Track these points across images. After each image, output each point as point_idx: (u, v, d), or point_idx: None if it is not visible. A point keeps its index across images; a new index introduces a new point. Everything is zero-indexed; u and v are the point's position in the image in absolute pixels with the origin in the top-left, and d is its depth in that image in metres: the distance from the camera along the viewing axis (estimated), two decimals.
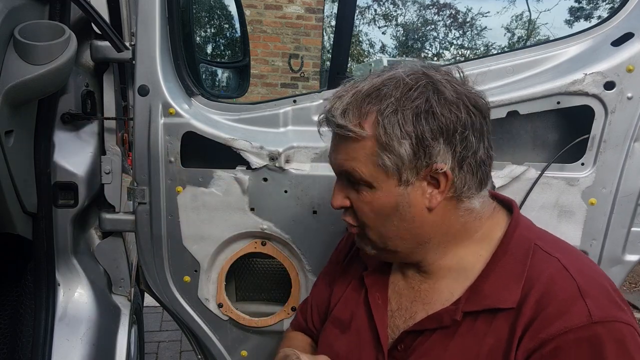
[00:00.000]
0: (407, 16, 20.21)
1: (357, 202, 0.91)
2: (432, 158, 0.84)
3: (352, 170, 0.88)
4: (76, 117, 1.42)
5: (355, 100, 0.86)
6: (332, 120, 0.88)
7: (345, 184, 0.93)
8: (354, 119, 0.86)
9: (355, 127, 0.85)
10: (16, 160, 1.20)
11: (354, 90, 0.88)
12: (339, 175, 0.94)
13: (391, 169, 0.85)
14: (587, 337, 0.76)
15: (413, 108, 0.83)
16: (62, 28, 1.19)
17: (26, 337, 1.38)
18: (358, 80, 0.90)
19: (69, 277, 1.48)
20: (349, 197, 0.92)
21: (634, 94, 1.24)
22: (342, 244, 1.20)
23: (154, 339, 3.20)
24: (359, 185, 0.89)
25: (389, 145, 0.84)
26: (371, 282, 1.03)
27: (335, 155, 0.92)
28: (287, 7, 6.88)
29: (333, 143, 0.93)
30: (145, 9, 1.32)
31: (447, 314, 0.88)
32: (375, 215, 0.90)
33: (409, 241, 0.91)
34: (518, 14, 22.39)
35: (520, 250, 0.89)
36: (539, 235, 0.93)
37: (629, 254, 1.34)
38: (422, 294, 0.96)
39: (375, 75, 0.90)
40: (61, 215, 1.42)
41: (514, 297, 0.84)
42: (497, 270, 0.88)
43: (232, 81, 2.54)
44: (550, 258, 0.86)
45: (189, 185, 1.40)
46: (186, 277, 1.48)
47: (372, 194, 0.88)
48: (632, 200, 1.30)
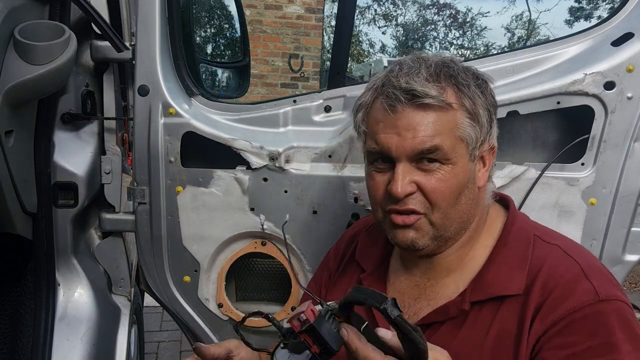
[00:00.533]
0: (407, 16, 20.20)
1: (432, 183, 0.85)
2: (493, 134, 0.89)
3: (437, 146, 0.83)
4: (76, 117, 1.42)
5: (430, 74, 0.84)
6: (419, 89, 0.82)
7: (410, 167, 0.86)
8: (438, 89, 0.83)
9: (443, 96, 0.83)
10: (16, 160, 1.20)
11: (424, 65, 0.85)
12: (407, 158, 0.85)
13: (472, 140, 0.86)
14: (593, 313, 0.80)
15: (478, 84, 0.86)
16: (62, 28, 1.19)
17: (26, 337, 1.38)
18: (414, 60, 0.88)
19: (69, 277, 1.48)
20: (416, 181, 0.86)
21: (634, 94, 1.24)
22: (332, 254, 1.19)
23: (154, 339, 3.20)
24: (435, 164, 0.85)
25: (477, 114, 0.85)
26: (369, 284, 1.03)
27: (413, 133, 0.83)
28: (287, 7, 6.88)
29: (402, 122, 0.84)
30: (145, 9, 1.32)
31: (454, 305, 0.89)
32: (451, 194, 0.86)
33: (464, 223, 0.91)
34: (518, 14, 22.37)
35: (521, 241, 0.91)
36: (536, 227, 0.96)
37: (629, 254, 1.34)
38: (427, 291, 0.96)
39: (422, 57, 0.88)
40: (61, 215, 1.42)
41: (520, 284, 0.86)
42: (499, 261, 0.90)
43: (232, 81, 2.55)
44: (551, 246, 0.90)
45: (189, 185, 1.40)
46: (186, 277, 1.48)
47: (451, 170, 0.85)
48: (632, 200, 1.30)
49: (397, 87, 0.84)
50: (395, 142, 0.85)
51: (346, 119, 1.38)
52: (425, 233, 0.89)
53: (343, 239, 1.19)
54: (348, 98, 1.39)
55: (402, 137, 0.84)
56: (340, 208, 1.39)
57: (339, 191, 1.38)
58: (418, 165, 0.86)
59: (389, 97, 0.85)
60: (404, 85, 0.83)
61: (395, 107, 0.84)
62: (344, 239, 1.19)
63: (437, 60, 0.88)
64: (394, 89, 0.84)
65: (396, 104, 0.84)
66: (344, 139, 1.36)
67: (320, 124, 1.41)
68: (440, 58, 0.89)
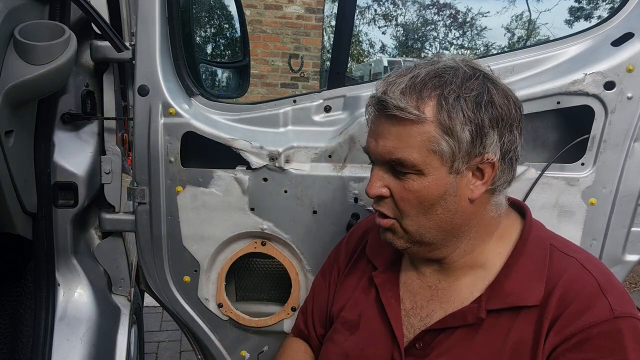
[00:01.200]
0: (407, 16, 20.22)
1: (401, 191, 0.88)
2: (486, 148, 0.86)
3: (400, 159, 0.86)
4: (76, 117, 1.42)
5: (414, 84, 0.85)
6: (389, 101, 0.84)
7: (385, 171, 0.90)
8: (413, 101, 0.84)
9: (416, 109, 0.84)
10: (16, 160, 1.20)
11: (410, 75, 0.86)
12: (381, 163, 0.90)
13: (447, 155, 0.85)
14: (609, 330, 0.80)
15: (474, 96, 0.85)
16: (62, 28, 1.19)
17: (26, 337, 1.38)
18: (409, 67, 0.89)
19: (69, 277, 1.48)
20: (389, 186, 0.90)
21: (634, 94, 1.24)
22: (342, 248, 1.19)
23: (154, 339, 3.19)
24: (406, 173, 0.87)
25: (452, 129, 0.84)
26: (382, 282, 1.03)
27: (383, 142, 0.87)
28: (287, 7, 6.88)
29: (379, 129, 0.88)
30: (145, 9, 1.32)
31: (471, 312, 0.90)
32: (420, 204, 0.88)
33: (447, 232, 0.91)
34: (518, 14, 22.40)
35: (538, 250, 0.91)
36: (552, 236, 0.96)
37: (629, 254, 1.34)
38: (440, 293, 0.97)
39: (427, 63, 0.89)
40: (61, 215, 1.42)
41: (538, 295, 0.86)
42: (517, 269, 0.90)
43: (232, 81, 2.55)
44: (568, 258, 0.90)
45: (189, 185, 1.40)
46: (186, 277, 1.48)
47: (420, 181, 0.87)
48: (632, 200, 1.30)
49: (377, 97, 0.87)
50: (372, 146, 0.90)
51: (346, 119, 1.38)
52: (400, 237, 0.93)
53: (355, 234, 1.19)
54: (348, 98, 1.39)
55: (377, 143, 0.89)
56: (340, 208, 1.39)
57: (339, 191, 1.38)
58: (394, 171, 0.89)
59: (371, 105, 0.90)
60: (378, 95, 0.87)
61: (375, 114, 0.89)
62: (355, 235, 1.18)
63: (432, 69, 0.87)
64: (374, 99, 0.88)
65: (374, 112, 0.89)
66: (344, 139, 1.36)
67: (320, 124, 1.41)
68: (439, 66, 0.87)
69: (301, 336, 1.22)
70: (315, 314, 1.18)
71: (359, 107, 1.36)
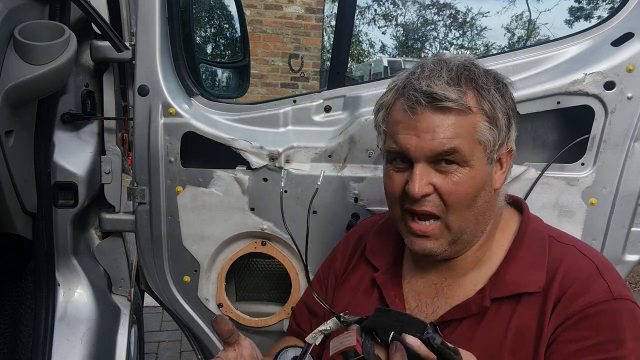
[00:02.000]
0: (407, 16, 20.23)
1: (448, 184, 0.86)
2: (510, 137, 0.90)
3: (455, 148, 0.84)
4: (76, 117, 1.42)
5: (455, 76, 0.85)
6: (439, 93, 0.83)
7: (428, 167, 0.87)
8: (459, 92, 0.84)
9: (463, 100, 0.84)
10: (16, 160, 1.20)
11: (445, 69, 0.86)
12: (425, 159, 0.86)
13: (490, 144, 0.86)
14: (607, 309, 0.83)
15: (498, 88, 0.88)
16: (62, 28, 1.19)
17: (26, 337, 1.38)
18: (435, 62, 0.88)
19: (69, 277, 1.48)
20: (433, 183, 0.87)
21: (634, 94, 1.24)
22: (338, 254, 1.18)
23: (154, 339, 3.19)
24: (453, 166, 0.86)
25: (496, 119, 0.86)
26: (384, 282, 1.03)
27: (432, 135, 0.84)
28: (287, 7, 6.88)
29: (423, 123, 0.85)
30: (145, 9, 1.32)
31: (474, 302, 0.91)
32: (467, 196, 0.87)
33: (480, 225, 0.92)
34: (518, 14, 22.42)
35: (537, 241, 0.94)
36: (549, 229, 0.99)
37: (629, 254, 1.34)
38: (445, 290, 0.98)
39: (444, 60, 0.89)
40: (61, 215, 1.42)
41: (539, 282, 0.88)
42: (518, 260, 0.92)
43: (232, 81, 2.55)
44: (567, 246, 0.93)
45: (189, 185, 1.40)
46: (186, 277, 1.48)
47: (467, 172, 0.86)
48: (632, 200, 1.30)
49: (418, 89, 0.85)
50: (414, 143, 0.86)
51: (346, 119, 1.38)
52: (443, 240, 0.91)
53: (350, 239, 1.19)
54: (348, 98, 1.39)
55: (421, 138, 0.85)
56: (340, 208, 1.39)
57: (339, 191, 1.38)
58: (436, 166, 0.87)
59: (410, 99, 0.85)
60: (424, 88, 0.84)
61: (415, 109, 0.85)
62: (351, 239, 1.18)
63: (458, 63, 0.88)
64: (414, 92, 0.85)
65: (416, 106, 0.85)
66: (344, 139, 1.36)
67: (320, 124, 1.41)
68: (461, 61, 0.89)
69: (296, 335, 1.22)
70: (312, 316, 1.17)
71: (359, 107, 1.36)
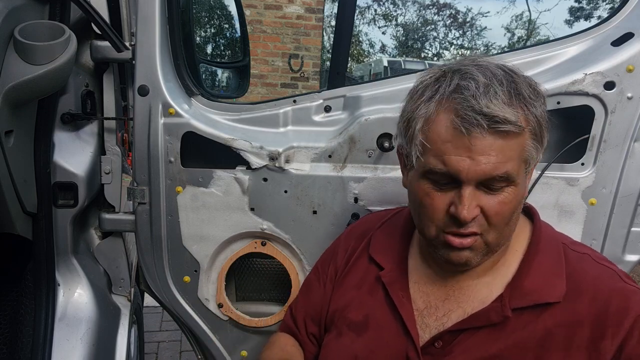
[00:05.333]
0: (407, 16, 20.23)
1: (495, 206, 0.83)
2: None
3: (508, 172, 0.81)
4: (76, 117, 1.42)
5: (504, 93, 0.80)
6: (500, 116, 0.77)
7: (477, 190, 0.83)
8: (515, 113, 0.79)
9: (519, 122, 0.79)
10: (16, 160, 1.20)
11: (495, 82, 0.80)
12: (475, 181, 0.82)
13: (533, 161, 0.85)
14: None
15: (540, 100, 0.84)
16: (62, 28, 1.19)
17: (26, 337, 1.38)
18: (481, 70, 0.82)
19: (68, 277, 1.48)
20: (480, 204, 0.84)
21: (634, 94, 1.24)
22: (340, 248, 1.17)
23: (154, 339, 3.19)
24: (500, 186, 0.83)
25: (542, 137, 0.84)
26: (390, 281, 1.01)
27: (486, 159, 0.80)
28: (287, 7, 6.88)
29: (478, 146, 0.79)
30: (145, 9, 1.32)
31: (494, 310, 0.90)
32: (510, 214, 0.85)
33: (511, 236, 0.91)
34: (518, 14, 22.41)
35: (552, 248, 0.93)
36: (561, 235, 0.99)
37: (629, 254, 1.34)
38: (457, 293, 0.96)
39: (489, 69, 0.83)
40: (61, 215, 1.42)
41: (559, 291, 0.88)
42: (535, 268, 0.91)
43: (232, 81, 2.55)
44: (581, 255, 0.93)
45: (189, 185, 1.40)
46: (186, 277, 1.48)
47: (513, 191, 0.84)
48: (632, 200, 1.30)
49: (477, 110, 0.78)
50: (466, 166, 0.80)
51: (346, 119, 1.38)
52: (479, 252, 0.89)
53: (352, 234, 1.18)
54: (348, 98, 1.39)
55: (475, 161, 0.80)
56: (340, 208, 1.39)
57: (339, 191, 1.38)
58: (483, 187, 0.83)
59: (466, 120, 0.79)
60: (485, 110, 0.78)
61: (471, 131, 0.79)
62: (354, 234, 1.17)
63: (503, 73, 0.82)
64: (473, 112, 0.78)
65: (474, 128, 0.79)
66: (344, 139, 1.36)
67: (320, 124, 1.41)
68: (503, 69, 0.83)
69: (289, 332, 1.20)
70: (308, 311, 1.16)
71: (359, 107, 1.36)
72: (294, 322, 1.19)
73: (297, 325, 1.18)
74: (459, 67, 0.85)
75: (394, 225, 1.11)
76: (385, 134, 1.34)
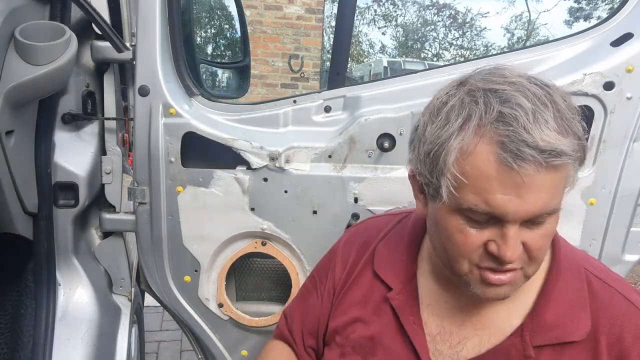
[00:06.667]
0: (407, 17, 20.24)
1: (538, 240, 0.76)
2: None
3: (557, 207, 0.74)
4: (77, 117, 1.43)
5: (554, 119, 0.69)
6: (558, 149, 0.68)
7: (520, 226, 0.74)
8: (570, 144, 0.69)
9: (572, 151, 0.69)
10: (17, 160, 1.21)
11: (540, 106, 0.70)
12: (522, 220, 0.73)
13: (572, 183, 0.76)
14: None
15: (578, 116, 0.74)
16: (63, 28, 1.19)
17: (26, 337, 1.38)
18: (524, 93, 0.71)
19: (69, 277, 1.48)
20: (523, 241, 0.75)
21: (634, 94, 1.24)
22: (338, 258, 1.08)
23: (154, 339, 3.19)
24: (544, 219, 0.74)
25: (584, 161, 0.74)
26: (400, 305, 0.94)
27: (536, 197, 0.70)
28: (287, 8, 6.88)
29: (528, 183, 0.69)
30: (145, 9, 1.32)
31: (514, 348, 0.84)
32: (549, 244, 0.80)
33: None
34: (517, 14, 22.43)
35: (574, 275, 0.87)
36: (584, 258, 0.91)
37: (629, 254, 1.35)
38: (474, 319, 0.89)
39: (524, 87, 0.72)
40: (62, 215, 1.42)
41: (585, 328, 0.82)
42: (556, 297, 0.85)
43: (232, 81, 2.55)
44: (608, 287, 0.86)
45: (190, 185, 1.40)
46: (186, 277, 1.48)
47: (555, 219, 0.76)
48: (631, 200, 1.30)
49: (532, 145, 0.67)
50: (514, 205, 0.70)
51: (346, 119, 1.39)
52: (518, 286, 0.81)
53: (350, 243, 1.09)
54: (348, 98, 1.39)
55: (523, 200, 0.70)
56: (340, 208, 1.39)
57: (339, 191, 1.38)
58: (527, 223, 0.74)
59: (519, 157, 0.68)
60: (541, 144, 0.67)
61: (525, 168, 0.68)
62: (353, 243, 1.08)
63: (541, 91, 0.72)
64: (527, 148, 0.67)
65: (528, 165, 0.68)
66: (344, 139, 1.36)
67: (320, 124, 1.41)
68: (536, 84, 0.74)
69: (284, 341, 1.14)
70: (305, 324, 1.09)
71: (359, 107, 1.36)
72: (289, 332, 1.12)
73: (294, 336, 1.11)
74: (490, 85, 0.73)
75: (399, 236, 1.03)
76: (385, 134, 1.34)
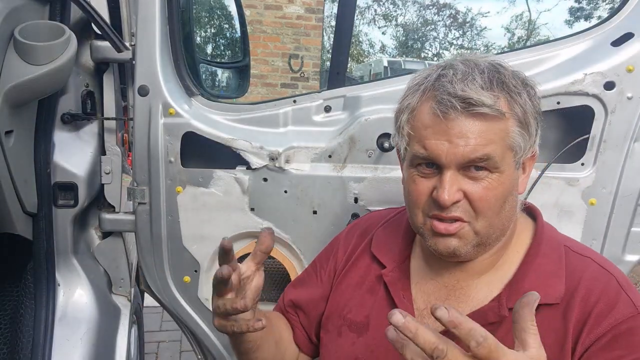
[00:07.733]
0: (407, 16, 20.24)
1: (479, 191, 0.84)
2: (537, 141, 0.88)
3: (489, 154, 0.82)
4: (76, 117, 1.42)
5: (488, 79, 0.82)
6: (475, 99, 0.80)
7: (458, 174, 0.85)
8: (493, 97, 0.81)
9: (497, 105, 0.81)
10: (16, 160, 1.21)
11: (477, 71, 0.83)
12: (456, 165, 0.84)
13: (520, 149, 0.85)
14: (636, 326, 0.82)
15: (527, 90, 0.86)
16: (62, 28, 1.19)
17: (26, 337, 1.38)
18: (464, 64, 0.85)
19: (69, 277, 1.48)
20: (463, 189, 0.85)
21: (634, 94, 1.24)
22: (340, 245, 1.15)
23: (154, 339, 3.19)
24: (483, 172, 0.84)
25: (528, 123, 0.85)
26: (392, 281, 1.01)
27: (465, 141, 0.82)
28: (287, 8, 6.88)
29: (456, 129, 0.82)
30: (145, 9, 1.32)
31: (491, 310, 0.89)
32: (496, 203, 0.86)
33: (504, 230, 0.91)
34: (518, 14, 22.43)
35: (553, 250, 0.93)
36: (565, 238, 0.97)
37: (629, 254, 1.34)
38: (457, 293, 0.95)
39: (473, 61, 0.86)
40: (61, 215, 1.42)
41: (557, 293, 0.87)
42: (535, 269, 0.91)
43: (232, 81, 2.55)
44: (584, 258, 0.92)
45: (189, 185, 1.40)
46: (186, 277, 1.48)
47: (498, 178, 0.84)
48: (632, 200, 1.30)
49: (452, 94, 0.81)
50: (445, 149, 0.83)
51: (346, 119, 1.39)
52: (468, 241, 0.88)
53: (353, 231, 1.16)
54: (348, 98, 1.39)
55: (453, 144, 0.82)
56: (340, 208, 1.39)
57: (339, 191, 1.38)
58: (465, 173, 0.85)
59: (442, 104, 0.82)
60: (459, 93, 0.81)
61: (448, 113, 0.82)
62: (354, 232, 1.16)
63: (488, 64, 0.85)
64: (448, 96, 0.81)
65: (450, 111, 0.81)
66: (344, 139, 1.36)
67: (320, 124, 1.41)
68: (490, 62, 0.86)
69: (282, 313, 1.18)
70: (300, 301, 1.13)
71: (359, 107, 1.36)
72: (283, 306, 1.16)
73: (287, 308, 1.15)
74: (451, 62, 0.88)
75: (397, 223, 1.10)
76: (385, 134, 1.34)
